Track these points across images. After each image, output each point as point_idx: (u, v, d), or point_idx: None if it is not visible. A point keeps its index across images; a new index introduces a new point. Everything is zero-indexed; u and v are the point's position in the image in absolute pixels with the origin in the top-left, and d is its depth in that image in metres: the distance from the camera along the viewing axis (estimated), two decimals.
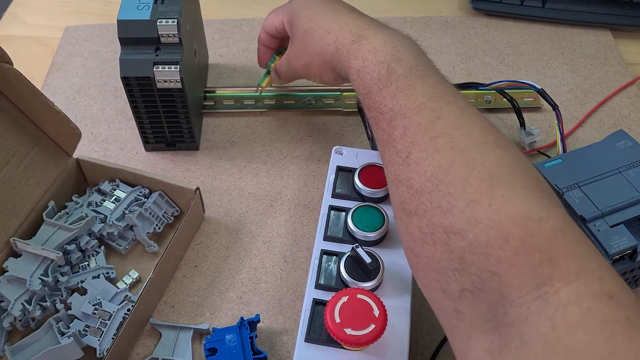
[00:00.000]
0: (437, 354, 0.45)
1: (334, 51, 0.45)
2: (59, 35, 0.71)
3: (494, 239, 0.30)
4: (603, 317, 0.26)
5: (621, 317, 0.26)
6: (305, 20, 0.48)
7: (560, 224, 0.30)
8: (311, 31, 0.47)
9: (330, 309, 0.37)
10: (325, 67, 0.47)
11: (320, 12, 0.47)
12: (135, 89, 0.52)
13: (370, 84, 0.41)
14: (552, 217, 0.30)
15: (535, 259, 0.29)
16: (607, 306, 0.26)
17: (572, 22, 0.72)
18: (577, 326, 0.26)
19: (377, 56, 0.41)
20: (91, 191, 0.53)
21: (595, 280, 0.27)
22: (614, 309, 0.26)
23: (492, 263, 0.30)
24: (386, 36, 0.42)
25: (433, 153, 0.35)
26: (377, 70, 0.40)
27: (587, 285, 0.27)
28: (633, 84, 0.65)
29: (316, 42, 0.47)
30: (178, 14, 0.50)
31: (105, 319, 0.44)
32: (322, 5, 0.48)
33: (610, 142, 0.49)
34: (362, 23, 0.44)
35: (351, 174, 0.47)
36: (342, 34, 0.44)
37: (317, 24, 0.47)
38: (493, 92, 0.62)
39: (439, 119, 0.36)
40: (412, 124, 0.37)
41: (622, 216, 0.44)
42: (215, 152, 0.59)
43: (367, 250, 0.41)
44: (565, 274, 0.28)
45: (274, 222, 0.53)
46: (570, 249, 0.29)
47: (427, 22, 0.73)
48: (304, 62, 0.50)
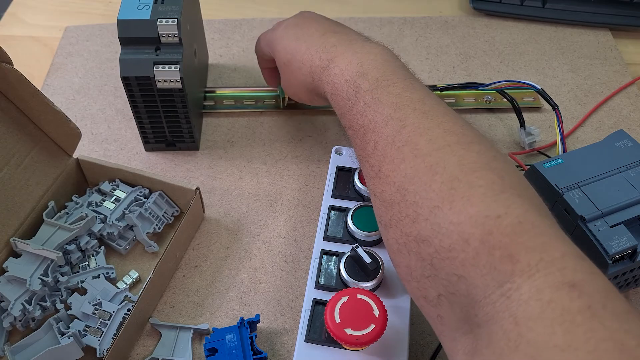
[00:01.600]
0: (437, 354, 0.45)
1: (311, 81, 0.46)
2: (59, 35, 0.71)
3: (456, 242, 0.30)
4: (563, 309, 0.26)
5: (582, 306, 0.25)
6: (283, 53, 0.50)
7: (519, 218, 0.29)
8: (289, 64, 0.49)
9: (330, 309, 0.37)
10: (311, 94, 0.48)
11: (294, 42, 0.48)
12: (135, 88, 0.52)
13: (342, 104, 0.42)
14: (511, 212, 0.30)
15: (495, 257, 0.29)
16: (568, 296, 0.26)
17: (572, 22, 0.72)
18: (537, 320, 0.26)
19: (343, 77, 0.42)
20: (91, 191, 0.53)
21: (556, 271, 0.27)
22: (575, 299, 0.26)
23: (457, 266, 0.30)
24: (352, 53, 0.42)
25: (399, 163, 0.35)
26: (345, 91, 0.41)
27: (547, 277, 0.27)
28: (633, 84, 0.65)
29: (295, 74, 0.48)
30: (178, 14, 0.50)
31: (105, 319, 0.44)
32: (295, 35, 0.49)
33: (610, 142, 0.49)
34: (331, 46, 0.45)
35: (351, 174, 0.47)
36: (314, 62, 0.45)
37: (293, 56, 0.48)
38: (493, 92, 0.62)
39: (404, 128, 0.36)
40: (380, 137, 0.37)
41: (622, 216, 0.44)
42: (215, 152, 0.59)
43: (367, 250, 0.41)
44: (525, 268, 0.28)
45: (274, 222, 0.53)
46: (530, 243, 0.29)
47: (427, 22, 0.73)
48: (293, 92, 0.51)
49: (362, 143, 0.39)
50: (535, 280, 0.27)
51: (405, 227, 0.34)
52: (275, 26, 0.54)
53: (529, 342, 0.25)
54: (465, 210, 0.31)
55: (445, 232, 0.31)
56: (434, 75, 0.67)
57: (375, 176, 0.37)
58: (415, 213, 0.33)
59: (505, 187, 0.31)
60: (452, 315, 0.31)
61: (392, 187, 0.35)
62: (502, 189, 0.31)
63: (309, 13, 0.52)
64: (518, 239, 0.29)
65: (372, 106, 0.39)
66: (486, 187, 0.31)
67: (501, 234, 0.29)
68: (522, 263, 0.28)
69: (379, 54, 0.42)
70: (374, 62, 0.41)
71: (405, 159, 0.35)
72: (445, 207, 0.31)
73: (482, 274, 0.29)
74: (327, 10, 0.76)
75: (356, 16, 0.74)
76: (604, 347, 0.24)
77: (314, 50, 0.46)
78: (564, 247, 0.28)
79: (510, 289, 0.28)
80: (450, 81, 0.65)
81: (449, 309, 0.31)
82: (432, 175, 0.33)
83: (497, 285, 0.28)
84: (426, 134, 0.35)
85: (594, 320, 0.25)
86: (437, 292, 0.32)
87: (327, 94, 0.44)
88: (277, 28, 0.53)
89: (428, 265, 0.32)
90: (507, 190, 0.31)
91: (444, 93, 0.62)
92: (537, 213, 0.30)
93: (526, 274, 0.27)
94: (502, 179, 0.32)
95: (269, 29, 0.56)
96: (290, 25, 0.51)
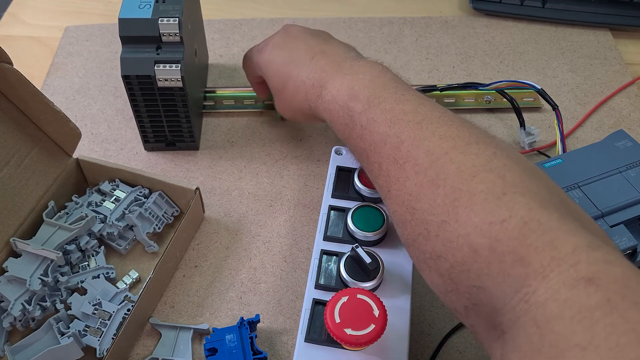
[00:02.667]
0: (437, 354, 0.45)
1: (308, 108, 0.46)
2: (59, 35, 0.71)
3: (467, 254, 0.30)
4: (580, 306, 0.25)
5: (600, 301, 0.25)
6: (276, 79, 0.49)
7: (524, 219, 0.29)
8: (282, 91, 0.48)
9: (330, 309, 0.37)
10: (310, 117, 0.48)
11: (284, 67, 0.48)
12: (136, 87, 0.52)
13: (341, 130, 0.42)
14: (514, 214, 0.29)
15: (507, 263, 0.28)
16: (585, 292, 0.25)
17: (572, 22, 0.72)
18: (556, 320, 0.25)
19: (337, 103, 0.42)
20: (91, 191, 0.52)
21: (569, 267, 0.27)
22: (592, 294, 0.25)
23: (474, 278, 0.30)
24: (342, 77, 0.42)
25: (404, 181, 0.35)
26: (342, 116, 0.41)
27: (561, 275, 0.26)
28: (633, 84, 0.65)
29: (291, 100, 0.48)
30: (179, 13, 0.50)
31: (105, 319, 0.44)
32: (283, 58, 0.48)
33: (610, 142, 0.49)
34: (321, 71, 0.44)
35: (351, 174, 0.47)
36: (307, 90, 0.45)
37: (285, 83, 0.48)
38: (493, 92, 0.62)
39: (402, 144, 0.36)
40: (382, 157, 0.37)
41: (622, 216, 0.44)
42: (215, 152, 0.59)
43: (367, 250, 0.41)
44: (538, 270, 0.27)
45: (274, 222, 0.53)
46: (538, 242, 0.28)
47: (427, 22, 0.73)
48: (290, 115, 0.51)
49: (368, 165, 0.39)
50: (549, 280, 0.27)
51: (421, 245, 0.33)
52: (262, 46, 0.52)
53: (551, 344, 0.25)
54: (470, 221, 0.30)
55: (455, 246, 0.31)
56: (434, 75, 0.67)
57: (386, 197, 0.37)
58: (426, 231, 0.33)
59: (506, 187, 0.31)
60: (481, 325, 0.31)
61: (402, 207, 0.35)
62: (503, 190, 0.31)
63: (293, 27, 0.51)
64: (526, 241, 0.28)
65: (368, 128, 0.38)
66: (487, 191, 0.31)
67: (508, 238, 0.29)
68: (534, 265, 0.27)
69: (367, 72, 0.41)
70: (362, 82, 0.41)
71: (408, 176, 0.34)
72: (451, 220, 0.31)
73: (497, 282, 0.29)
74: (327, 10, 0.76)
75: (356, 16, 0.74)
76: (625, 341, 0.23)
77: (305, 76, 0.45)
78: (575, 240, 0.28)
79: (528, 293, 0.27)
80: (450, 81, 0.65)
81: (477, 319, 0.31)
82: (435, 189, 0.33)
83: (514, 291, 0.28)
84: (423, 145, 0.35)
85: (614, 314, 0.24)
86: (462, 304, 0.32)
87: (325, 121, 0.44)
88: (263, 49, 0.51)
89: (448, 280, 0.32)
90: (508, 190, 0.31)
91: (444, 93, 0.62)
92: (542, 208, 0.29)
93: (540, 276, 0.27)
94: (503, 179, 0.31)
95: (256, 46, 0.54)
96: (278, 46, 0.50)
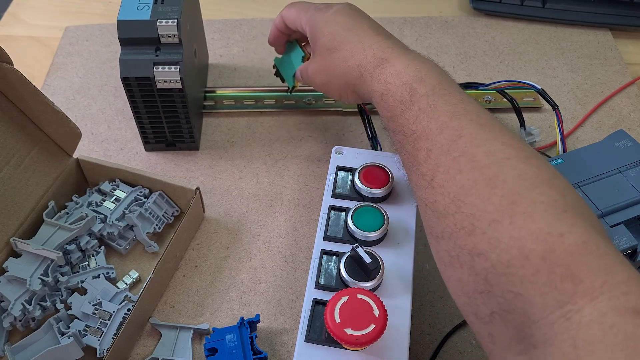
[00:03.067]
0: (437, 354, 0.45)
1: (357, 75, 0.44)
2: (59, 35, 0.71)
3: (515, 257, 0.29)
4: (626, 334, 0.25)
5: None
6: (329, 38, 0.47)
7: (582, 238, 0.29)
8: (334, 51, 0.46)
9: (330, 309, 0.37)
10: (347, 89, 0.46)
11: (344, 32, 0.46)
12: (135, 89, 0.52)
13: (393, 106, 0.40)
14: (574, 231, 0.29)
15: (557, 275, 0.28)
16: (632, 322, 0.25)
17: (572, 22, 0.72)
18: (598, 344, 0.25)
19: (399, 78, 0.40)
20: (91, 191, 0.53)
21: (620, 295, 0.26)
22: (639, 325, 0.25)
23: (515, 283, 0.29)
24: (409, 59, 0.41)
25: (455, 174, 0.34)
26: (400, 93, 0.40)
27: (611, 301, 0.26)
28: (633, 84, 0.65)
29: (339, 63, 0.46)
30: (178, 14, 0.50)
31: (105, 319, 0.44)
32: (346, 24, 0.47)
33: (610, 142, 0.49)
34: (387, 46, 0.43)
35: (351, 174, 0.47)
36: (366, 57, 0.43)
37: (341, 44, 0.46)
38: (493, 92, 0.62)
39: (460, 138, 0.35)
40: (434, 145, 0.36)
41: (622, 216, 0.44)
42: (215, 152, 0.59)
43: (367, 250, 0.41)
44: (588, 290, 0.27)
45: (274, 222, 0.53)
46: (593, 263, 0.28)
47: (427, 22, 0.73)
48: (325, 80, 0.49)
49: (414, 150, 0.38)
50: (598, 303, 0.26)
51: (460, 239, 0.33)
52: (322, 7, 0.49)
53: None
54: (527, 226, 0.30)
55: (504, 247, 0.30)
56: None
57: (427, 185, 0.36)
58: (471, 225, 0.32)
59: (567, 206, 0.31)
60: (505, 334, 0.30)
61: (446, 198, 0.34)
62: (564, 207, 0.30)
63: (357, 8, 0.49)
64: (582, 259, 0.28)
65: (427, 112, 0.37)
66: (548, 204, 0.30)
67: (564, 252, 0.28)
68: (585, 284, 0.27)
69: (435, 66, 0.41)
70: (431, 70, 0.40)
71: (462, 169, 0.34)
72: (505, 221, 0.31)
73: (541, 293, 0.28)
74: None
75: None
76: None
77: (367, 45, 0.44)
78: (629, 272, 0.27)
79: (571, 311, 0.27)
80: None
81: (502, 328, 0.30)
82: (492, 188, 0.32)
83: (557, 306, 0.27)
84: (484, 145, 0.34)
85: None
86: (490, 309, 0.31)
87: (373, 93, 0.42)
88: (324, 9, 0.49)
89: (482, 280, 0.31)
90: (569, 209, 0.30)
91: None
92: (599, 235, 0.29)
93: (589, 296, 0.26)
94: (564, 198, 0.31)
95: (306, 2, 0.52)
96: (341, 12, 0.48)
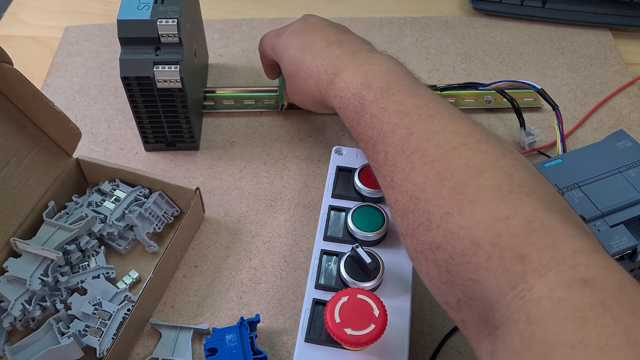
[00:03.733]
0: (437, 354, 0.45)
1: (319, 94, 0.46)
2: (59, 35, 0.71)
3: (467, 246, 0.30)
4: (574, 306, 0.25)
5: (595, 302, 0.25)
6: (287, 63, 0.50)
7: (528, 218, 0.29)
8: (295, 76, 0.49)
9: (330, 309, 0.37)
10: (319, 105, 0.49)
11: (299, 54, 0.48)
12: (135, 88, 0.52)
13: (350, 117, 0.42)
14: (519, 212, 0.30)
15: (507, 259, 0.29)
16: (580, 293, 0.26)
17: (572, 22, 0.72)
18: (548, 318, 0.26)
19: (349, 90, 0.42)
20: (91, 191, 0.52)
21: (568, 268, 0.27)
22: (587, 295, 0.25)
23: (472, 270, 0.30)
24: (357, 65, 0.43)
25: (410, 172, 0.35)
26: (352, 104, 0.41)
27: (558, 275, 0.27)
28: (633, 84, 0.65)
29: (302, 85, 0.48)
30: (178, 14, 0.50)
31: (105, 319, 0.44)
32: (299, 44, 0.49)
33: (610, 142, 0.49)
34: (336, 58, 0.45)
35: (351, 174, 0.47)
36: (320, 76, 0.45)
37: (299, 68, 0.48)
38: (493, 92, 0.62)
39: (411, 135, 0.36)
40: (389, 147, 0.37)
41: (622, 216, 0.44)
42: (215, 152, 0.59)
43: (367, 250, 0.41)
44: (537, 268, 0.28)
45: (274, 222, 0.53)
46: (540, 242, 0.28)
47: (427, 22, 0.73)
48: (299, 100, 0.52)
49: (374, 154, 0.39)
50: (547, 279, 0.27)
51: (420, 235, 0.34)
52: (280, 31, 0.53)
53: (541, 341, 0.25)
54: (474, 214, 0.31)
55: (456, 238, 0.31)
56: (434, 75, 0.67)
57: (388, 186, 0.37)
58: (427, 221, 0.33)
59: (513, 186, 0.31)
60: (473, 320, 0.31)
61: (404, 196, 0.35)
62: (510, 188, 0.31)
63: (312, 17, 0.52)
64: (528, 239, 0.29)
65: (378, 117, 0.39)
66: (494, 188, 0.31)
67: (510, 235, 0.29)
68: (533, 263, 0.28)
69: (382, 64, 0.42)
70: (378, 72, 0.41)
71: (415, 167, 0.35)
72: (455, 212, 0.32)
73: (495, 277, 0.29)
74: (327, 10, 0.76)
75: (356, 16, 0.74)
76: (615, 343, 0.23)
77: (319, 62, 0.46)
78: (576, 243, 0.28)
79: (524, 290, 0.27)
80: (450, 81, 0.65)
81: (469, 314, 0.31)
82: (441, 181, 0.33)
83: (511, 287, 0.28)
84: (433, 138, 0.35)
85: (607, 316, 0.24)
86: (456, 297, 0.32)
87: (334, 108, 0.45)
88: (281, 34, 0.52)
89: (444, 271, 0.32)
90: (515, 189, 0.31)
91: (444, 93, 0.62)
92: (546, 210, 0.30)
93: (538, 274, 0.27)
94: (511, 178, 0.32)
95: (274, 30, 0.55)
96: (295, 32, 0.50)
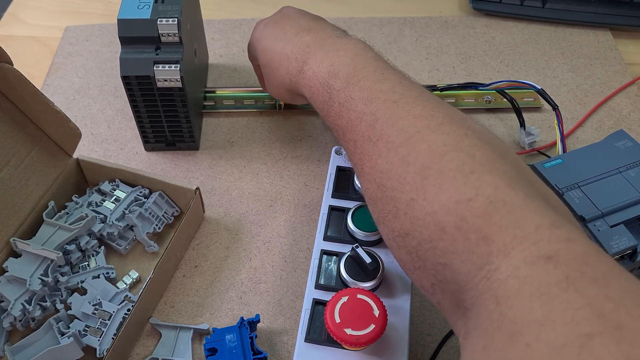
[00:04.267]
0: (437, 354, 0.45)
1: (289, 82, 0.46)
2: (59, 35, 0.71)
3: (434, 232, 0.30)
4: (539, 283, 0.25)
5: (559, 277, 0.25)
6: (262, 55, 0.50)
7: (489, 198, 0.29)
8: (269, 66, 0.49)
9: (330, 309, 0.37)
10: (291, 94, 0.48)
11: (271, 42, 0.48)
12: (136, 88, 0.52)
13: (321, 107, 0.42)
14: (481, 192, 0.30)
15: (472, 241, 0.29)
16: (544, 269, 0.26)
17: (572, 22, 0.72)
18: (515, 297, 0.26)
19: (317, 79, 0.42)
20: (91, 191, 0.52)
21: (531, 245, 0.27)
22: (551, 271, 0.26)
23: (440, 255, 0.30)
24: (323, 53, 0.42)
25: (376, 159, 0.35)
26: (321, 93, 0.41)
27: (523, 253, 0.27)
28: (633, 84, 0.65)
29: (275, 74, 0.48)
30: (178, 13, 0.50)
31: (105, 319, 0.44)
32: (272, 34, 0.49)
33: (610, 142, 0.49)
34: (305, 45, 0.44)
35: (351, 174, 0.47)
36: (290, 64, 0.45)
37: (271, 57, 0.48)
38: (493, 92, 0.62)
39: (377, 122, 0.36)
40: (357, 135, 0.37)
41: (622, 216, 0.44)
42: (215, 152, 0.59)
43: (367, 250, 0.41)
44: (501, 247, 0.28)
45: (274, 222, 0.53)
46: (502, 221, 0.28)
47: (427, 22, 0.73)
48: (275, 92, 0.51)
49: (344, 143, 0.39)
50: (511, 258, 0.27)
51: (390, 223, 0.34)
52: (256, 25, 0.53)
53: (510, 320, 0.25)
54: (438, 199, 0.31)
55: (423, 224, 0.31)
56: (434, 75, 0.67)
57: (359, 175, 0.37)
58: (395, 208, 0.33)
59: (475, 166, 0.31)
60: (447, 302, 0.32)
61: (373, 185, 0.35)
62: (472, 168, 0.31)
63: (288, 9, 0.51)
64: (490, 220, 0.29)
65: (346, 105, 0.38)
66: (456, 170, 0.31)
67: (474, 216, 0.29)
68: (497, 243, 0.28)
69: (349, 50, 0.41)
70: (344, 59, 0.41)
71: (380, 154, 0.35)
72: (419, 198, 0.31)
73: (462, 260, 0.29)
74: (327, 10, 0.76)
75: (356, 16, 0.74)
76: (581, 316, 0.24)
77: (289, 50, 0.45)
78: (539, 218, 0.28)
79: (490, 271, 0.28)
80: (450, 81, 0.65)
81: (443, 297, 0.32)
82: (405, 166, 0.33)
83: (478, 269, 0.28)
84: (397, 123, 0.35)
85: (571, 290, 0.25)
86: (429, 281, 0.32)
87: (306, 97, 0.44)
88: (256, 27, 0.52)
89: (415, 257, 0.32)
90: (477, 169, 0.31)
91: (444, 93, 0.62)
92: (509, 188, 0.30)
93: (502, 254, 0.27)
94: (472, 158, 0.31)
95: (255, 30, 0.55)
96: (269, 24, 0.50)
